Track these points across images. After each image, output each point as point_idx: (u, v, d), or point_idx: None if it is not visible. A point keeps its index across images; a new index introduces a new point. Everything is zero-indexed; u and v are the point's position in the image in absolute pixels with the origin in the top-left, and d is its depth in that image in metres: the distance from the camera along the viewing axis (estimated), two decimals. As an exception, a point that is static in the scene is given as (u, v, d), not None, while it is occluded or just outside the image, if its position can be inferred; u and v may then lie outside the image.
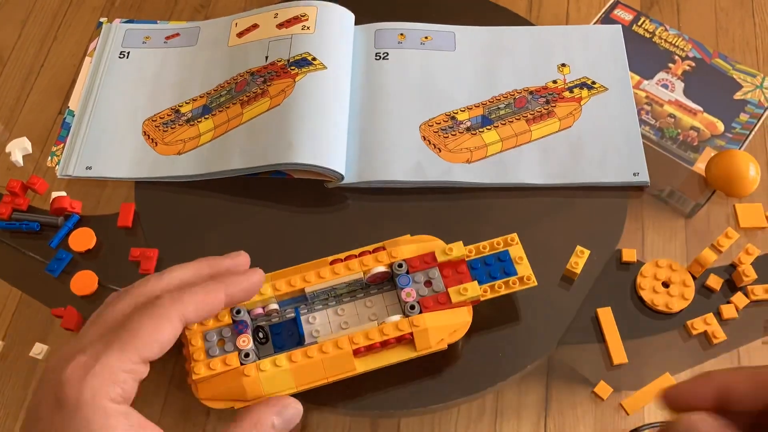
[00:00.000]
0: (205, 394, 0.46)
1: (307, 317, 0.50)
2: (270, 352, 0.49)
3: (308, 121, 0.58)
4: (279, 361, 0.46)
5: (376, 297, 0.51)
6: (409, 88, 0.64)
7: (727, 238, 0.56)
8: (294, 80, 0.61)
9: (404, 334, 0.47)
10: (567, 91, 0.63)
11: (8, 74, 0.68)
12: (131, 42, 0.68)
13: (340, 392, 0.52)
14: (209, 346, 0.47)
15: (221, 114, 0.62)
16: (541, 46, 0.66)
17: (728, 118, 0.63)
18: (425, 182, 0.59)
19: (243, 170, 0.59)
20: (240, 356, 0.46)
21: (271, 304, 0.50)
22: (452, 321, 0.48)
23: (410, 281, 0.49)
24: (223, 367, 0.46)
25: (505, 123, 0.62)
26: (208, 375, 0.46)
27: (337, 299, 0.51)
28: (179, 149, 0.61)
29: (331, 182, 0.59)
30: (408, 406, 0.51)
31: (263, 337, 0.49)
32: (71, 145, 0.62)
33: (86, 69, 0.67)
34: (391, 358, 0.48)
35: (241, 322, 0.47)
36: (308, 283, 0.49)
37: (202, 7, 0.72)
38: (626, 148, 0.60)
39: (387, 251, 0.50)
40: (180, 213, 0.60)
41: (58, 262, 0.57)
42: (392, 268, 0.50)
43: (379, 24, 0.68)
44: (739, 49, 0.68)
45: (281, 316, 0.50)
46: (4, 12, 0.72)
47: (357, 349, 0.47)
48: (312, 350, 0.47)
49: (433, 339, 0.48)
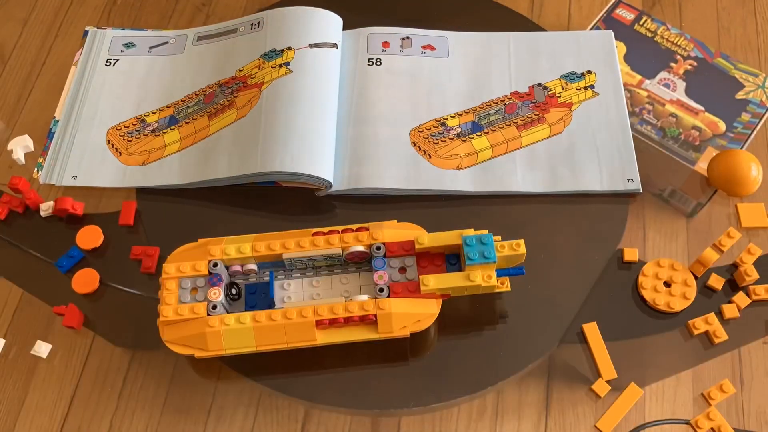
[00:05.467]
0: (169, 337, 0.48)
1: (282, 283, 0.51)
2: (241, 309, 0.50)
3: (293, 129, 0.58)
4: (243, 318, 0.48)
5: (353, 275, 0.52)
6: (399, 93, 0.63)
7: (728, 238, 0.56)
8: (260, 90, 0.60)
9: (368, 314, 0.48)
10: (558, 97, 0.63)
11: (10, 72, 0.68)
12: (117, 50, 0.67)
13: (341, 391, 0.52)
14: (182, 293, 0.49)
15: (188, 125, 0.62)
16: (532, 52, 0.66)
17: (730, 118, 0.63)
18: (415, 190, 0.59)
19: (227, 179, 0.58)
20: (208, 307, 0.48)
21: (250, 264, 0.51)
22: (418, 310, 0.49)
23: (385, 265, 0.50)
24: (190, 314, 0.48)
25: (495, 129, 0.61)
26: (174, 319, 0.48)
27: (315, 271, 0.52)
28: (143, 159, 0.61)
29: (320, 190, 0.59)
30: (409, 405, 0.51)
31: (236, 293, 0.51)
32: (54, 154, 0.62)
33: (71, 78, 0.66)
34: (352, 335, 0.49)
35: (216, 275, 0.49)
36: (287, 250, 0.50)
37: (203, 6, 0.72)
38: (619, 155, 0.60)
39: (369, 232, 0.51)
40: (180, 214, 0.60)
41: (69, 259, 0.57)
42: (371, 249, 0.51)
43: (372, 28, 0.67)
44: (741, 48, 0.68)
45: (258, 276, 0.52)
46: (6, 10, 0.72)
47: (320, 320, 0.48)
48: (276, 314, 0.48)
49: (396, 324, 0.48)
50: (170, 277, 0.49)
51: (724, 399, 0.52)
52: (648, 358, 0.53)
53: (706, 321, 0.54)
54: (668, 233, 0.58)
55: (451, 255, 0.51)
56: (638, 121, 0.63)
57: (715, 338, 0.53)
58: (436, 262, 0.51)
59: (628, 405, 0.51)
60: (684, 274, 0.55)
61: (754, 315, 0.55)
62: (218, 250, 0.50)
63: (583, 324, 0.54)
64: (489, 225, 0.52)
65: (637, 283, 0.55)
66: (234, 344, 0.48)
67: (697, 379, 0.52)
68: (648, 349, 0.53)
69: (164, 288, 0.49)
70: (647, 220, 0.59)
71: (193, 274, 0.49)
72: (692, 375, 0.53)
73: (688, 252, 0.57)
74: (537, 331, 0.54)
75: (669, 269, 0.55)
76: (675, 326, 0.54)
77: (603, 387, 0.52)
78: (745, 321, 0.54)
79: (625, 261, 0.56)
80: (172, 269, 0.50)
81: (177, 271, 0.50)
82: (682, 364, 0.53)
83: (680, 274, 0.55)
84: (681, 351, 0.53)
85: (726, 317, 0.54)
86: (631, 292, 0.55)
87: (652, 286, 0.55)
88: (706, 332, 0.54)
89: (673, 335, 0.54)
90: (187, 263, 0.50)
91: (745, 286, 0.55)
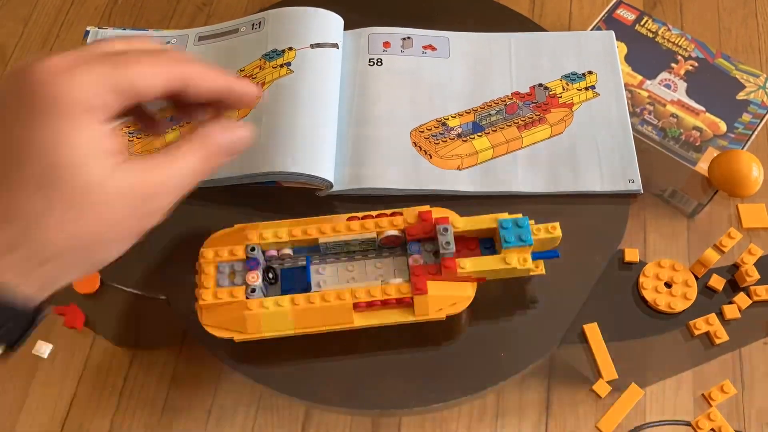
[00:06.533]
0: (209, 321, 0.48)
1: (317, 267, 0.52)
2: (277, 293, 0.50)
3: (295, 128, 0.57)
4: (282, 301, 0.48)
5: (387, 260, 0.52)
6: (400, 93, 0.63)
7: (729, 239, 0.56)
8: (262, 87, 0.60)
9: (405, 297, 0.48)
10: (558, 97, 0.63)
11: (11, 72, 0.68)
12: None
13: (341, 390, 0.52)
14: (220, 277, 0.49)
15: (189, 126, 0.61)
16: (533, 52, 0.66)
17: (731, 118, 0.63)
18: (415, 190, 0.59)
19: (229, 179, 0.58)
20: (246, 291, 0.48)
21: (285, 249, 0.51)
22: (454, 293, 0.49)
23: (420, 249, 0.50)
24: (229, 298, 0.48)
25: (496, 129, 0.61)
26: (213, 303, 0.48)
27: (349, 255, 0.52)
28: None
29: (321, 190, 0.59)
30: (409, 405, 0.51)
31: (273, 277, 0.51)
32: None
33: None
34: (389, 318, 0.49)
35: (253, 260, 0.49)
36: (323, 234, 0.51)
37: (204, 6, 0.72)
38: (620, 155, 0.60)
39: (404, 217, 0.51)
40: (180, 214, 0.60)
41: None
42: (405, 233, 0.51)
43: (373, 28, 0.67)
44: (742, 49, 0.67)
45: (294, 261, 0.52)
46: (7, 10, 0.72)
47: (357, 303, 0.48)
48: (314, 297, 0.48)
49: (432, 307, 0.49)
50: (208, 262, 0.50)
51: (725, 400, 0.51)
52: (649, 358, 0.53)
53: (707, 321, 0.54)
54: (669, 234, 0.58)
55: (484, 239, 0.52)
56: (639, 121, 0.63)
57: (716, 339, 0.53)
58: (470, 246, 0.51)
59: (629, 405, 0.51)
60: (685, 275, 0.55)
61: (754, 316, 0.54)
62: (255, 235, 0.50)
63: (584, 324, 0.54)
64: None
65: (637, 284, 0.55)
66: (273, 327, 0.48)
67: (698, 380, 0.52)
68: (649, 349, 0.53)
69: (202, 272, 0.50)
70: (648, 220, 0.59)
71: (230, 259, 0.50)
72: (693, 376, 0.53)
73: (689, 253, 0.57)
74: (538, 331, 0.54)
75: (670, 270, 0.55)
76: (676, 327, 0.54)
77: (604, 387, 0.52)
78: (745, 322, 0.54)
79: (625, 261, 0.56)
80: (210, 254, 0.50)
81: (215, 256, 0.50)
82: (682, 365, 0.53)
83: (681, 275, 0.55)
84: (682, 351, 0.53)
85: (727, 318, 0.54)
86: (631, 293, 0.55)
87: (652, 287, 0.55)
88: (707, 333, 0.54)
89: (674, 336, 0.54)
90: (225, 248, 0.50)
91: (746, 286, 0.55)
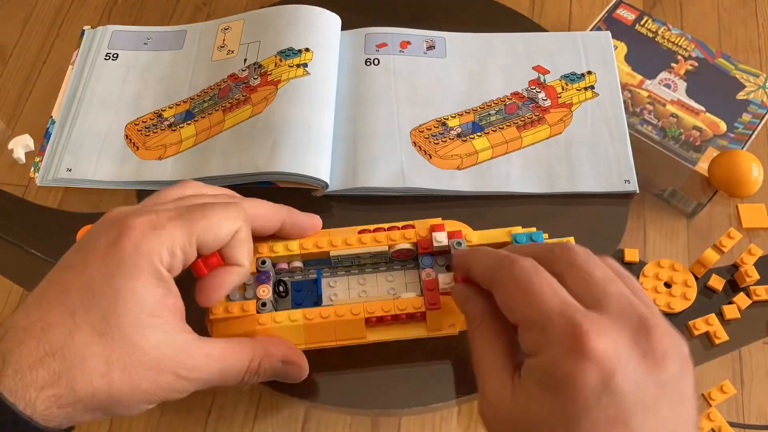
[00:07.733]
0: (220, 335, 0.47)
1: (329, 281, 0.51)
2: (288, 306, 0.50)
3: (290, 128, 0.57)
4: (293, 315, 0.47)
5: (398, 273, 0.51)
6: (399, 93, 0.63)
7: (729, 239, 0.56)
8: (276, 87, 0.60)
9: (417, 312, 0.48)
10: (557, 97, 0.63)
11: (10, 72, 0.68)
12: (117, 44, 0.67)
13: (341, 391, 0.52)
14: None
15: (203, 120, 0.61)
16: (532, 52, 0.66)
17: (731, 118, 0.63)
18: (414, 190, 0.58)
19: (224, 178, 0.58)
20: (258, 304, 0.47)
21: (295, 261, 0.51)
22: None
23: (433, 262, 0.50)
24: (240, 312, 0.47)
25: (495, 129, 0.61)
26: (224, 317, 0.47)
27: (360, 269, 0.52)
28: (160, 154, 0.60)
29: (317, 191, 0.59)
30: (409, 404, 0.51)
31: (283, 290, 0.50)
32: (52, 152, 0.61)
33: (68, 78, 0.66)
34: (401, 333, 0.48)
35: (264, 273, 0.49)
36: (334, 247, 0.50)
37: (204, 5, 0.72)
38: (616, 156, 0.60)
39: (416, 230, 0.51)
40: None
41: None
42: (417, 246, 0.50)
43: (370, 29, 0.67)
44: (742, 48, 0.67)
45: (304, 274, 0.51)
46: (6, 9, 0.72)
47: (369, 318, 0.48)
48: (327, 311, 0.48)
49: (445, 322, 0.48)
50: None
51: (725, 399, 0.51)
52: (648, 358, 0.53)
53: (707, 322, 0.54)
54: (669, 234, 0.58)
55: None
56: (639, 121, 0.63)
57: (716, 339, 0.53)
58: None
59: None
60: (684, 275, 0.55)
61: (754, 316, 0.55)
62: (266, 248, 0.50)
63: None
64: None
65: (637, 284, 0.55)
66: None
67: (698, 380, 0.52)
68: (648, 349, 0.53)
69: None
70: (648, 220, 0.59)
71: None
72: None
73: (689, 253, 0.57)
74: (537, 331, 0.54)
75: (669, 270, 0.55)
76: (675, 327, 0.54)
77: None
78: (745, 322, 0.54)
79: (625, 261, 0.56)
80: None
81: None
82: (682, 365, 0.53)
83: (681, 275, 0.55)
84: (681, 351, 0.53)
85: (726, 318, 0.54)
86: (631, 293, 0.55)
87: (652, 287, 0.55)
88: (707, 333, 0.54)
89: (674, 336, 0.54)
90: None
91: (745, 286, 0.55)
